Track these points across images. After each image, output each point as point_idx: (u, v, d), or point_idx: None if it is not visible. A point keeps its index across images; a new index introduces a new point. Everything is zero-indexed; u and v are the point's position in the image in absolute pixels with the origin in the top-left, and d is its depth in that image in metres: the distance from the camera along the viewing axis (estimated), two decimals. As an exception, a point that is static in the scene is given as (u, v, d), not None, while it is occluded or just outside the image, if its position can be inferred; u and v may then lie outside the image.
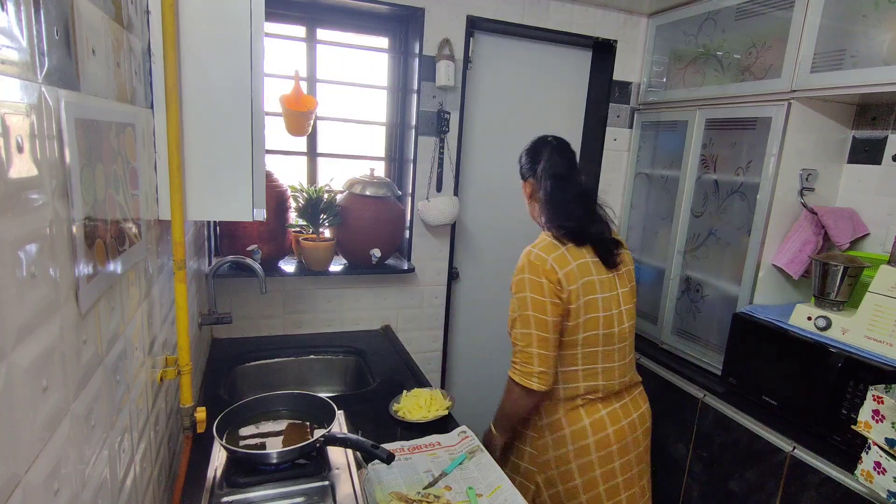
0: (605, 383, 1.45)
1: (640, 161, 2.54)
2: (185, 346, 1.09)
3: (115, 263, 0.74)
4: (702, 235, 2.13)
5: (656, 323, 2.35)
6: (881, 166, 1.82)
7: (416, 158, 2.24)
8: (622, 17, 2.43)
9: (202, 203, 1.07)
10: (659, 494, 2.14)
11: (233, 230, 1.96)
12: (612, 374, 1.46)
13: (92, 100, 0.66)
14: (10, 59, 0.45)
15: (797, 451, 1.59)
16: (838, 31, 1.64)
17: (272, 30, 2.09)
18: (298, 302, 2.20)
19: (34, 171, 0.49)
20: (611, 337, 1.44)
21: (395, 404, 1.60)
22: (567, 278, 1.36)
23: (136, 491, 0.86)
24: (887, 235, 1.79)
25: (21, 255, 0.46)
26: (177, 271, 1.06)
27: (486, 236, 2.55)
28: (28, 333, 0.47)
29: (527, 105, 2.49)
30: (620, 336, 1.46)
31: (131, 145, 0.83)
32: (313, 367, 2.05)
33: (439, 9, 2.14)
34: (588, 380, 1.44)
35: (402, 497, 1.18)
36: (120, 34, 0.79)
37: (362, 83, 2.29)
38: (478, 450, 1.39)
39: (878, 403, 1.30)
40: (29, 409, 0.48)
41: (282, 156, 2.22)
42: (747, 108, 1.93)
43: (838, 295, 1.64)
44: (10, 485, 0.44)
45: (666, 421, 2.12)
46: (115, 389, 0.74)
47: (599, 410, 1.45)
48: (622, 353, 1.48)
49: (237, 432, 1.15)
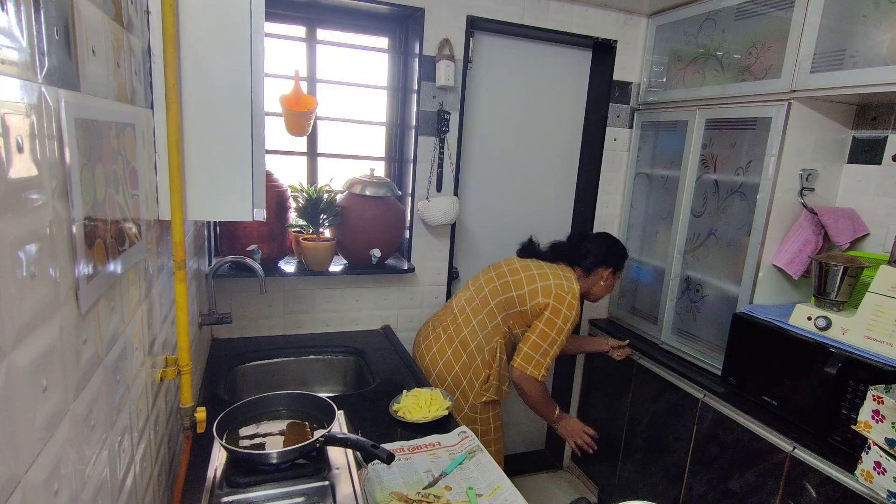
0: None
1: (640, 161, 2.54)
2: (185, 346, 1.09)
3: (115, 263, 0.74)
4: (702, 235, 2.13)
5: (656, 323, 2.35)
6: (881, 166, 1.82)
7: (416, 158, 2.24)
8: (622, 17, 2.43)
9: (202, 203, 1.07)
10: (659, 494, 2.14)
11: (233, 230, 1.96)
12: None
13: (92, 100, 0.66)
14: (10, 59, 0.45)
15: (797, 451, 1.59)
16: (838, 31, 1.64)
17: (272, 30, 2.09)
18: (298, 302, 2.20)
19: (34, 171, 0.49)
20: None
21: (394, 404, 1.60)
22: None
23: (136, 491, 0.86)
24: (887, 235, 1.79)
25: (21, 255, 0.46)
26: (177, 271, 1.06)
27: (486, 236, 2.55)
28: (28, 333, 0.47)
29: (527, 105, 2.49)
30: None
31: (131, 145, 0.83)
32: (313, 367, 2.06)
33: (439, 9, 2.14)
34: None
35: (402, 497, 1.18)
36: (120, 34, 0.79)
37: (362, 83, 2.29)
38: (478, 450, 1.39)
39: (878, 403, 1.30)
40: (29, 409, 0.48)
41: (282, 156, 2.22)
42: (747, 108, 1.93)
43: (838, 295, 1.64)
44: (10, 485, 0.44)
45: (666, 421, 2.12)
46: (115, 389, 0.74)
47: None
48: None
49: (237, 432, 1.15)
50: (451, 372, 1.94)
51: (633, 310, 2.55)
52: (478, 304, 1.98)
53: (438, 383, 1.95)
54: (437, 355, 1.98)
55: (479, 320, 1.95)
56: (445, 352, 1.97)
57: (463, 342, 1.95)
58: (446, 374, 1.95)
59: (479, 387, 1.92)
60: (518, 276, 1.94)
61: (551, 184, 2.65)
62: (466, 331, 1.96)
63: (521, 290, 1.90)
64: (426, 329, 2.13)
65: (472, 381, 1.93)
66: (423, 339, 2.09)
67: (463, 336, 1.96)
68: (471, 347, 1.93)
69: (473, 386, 1.93)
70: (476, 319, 1.96)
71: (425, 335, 2.10)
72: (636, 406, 2.33)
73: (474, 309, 1.98)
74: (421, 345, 2.08)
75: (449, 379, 1.94)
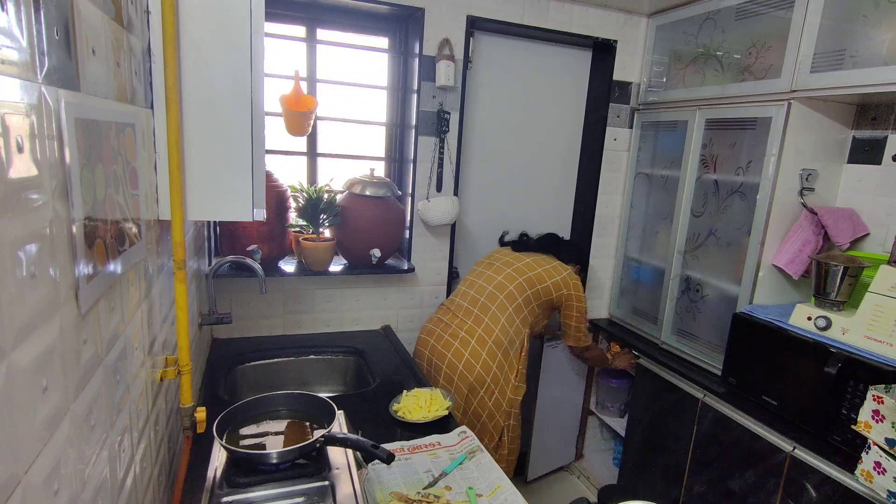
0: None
1: (640, 161, 2.54)
2: (185, 346, 1.09)
3: (115, 263, 0.74)
4: (702, 235, 2.13)
5: (656, 323, 2.35)
6: (881, 166, 1.82)
7: (416, 158, 2.24)
8: (622, 17, 2.43)
9: (202, 203, 1.07)
10: (659, 494, 2.14)
11: (233, 230, 1.96)
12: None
13: (92, 100, 0.66)
14: (10, 59, 0.45)
15: (797, 451, 1.59)
16: (838, 30, 1.64)
17: (272, 30, 2.09)
18: (298, 302, 2.20)
19: (34, 171, 0.49)
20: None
21: (395, 404, 1.60)
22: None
23: (136, 491, 0.86)
24: (887, 235, 1.79)
25: (21, 255, 0.46)
26: (177, 271, 1.06)
27: (486, 236, 2.55)
28: (28, 333, 0.47)
29: (527, 105, 2.49)
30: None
31: (131, 145, 0.83)
32: (313, 367, 2.06)
33: (439, 9, 2.14)
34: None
35: (402, 497, 1.18)
36: (120, 34, 0.79)
37: (362, 83, 2.29)
38: (478, 450, 1.39)
39: (878, 403, 1.30)
40: (29, 409, 0.48)
41: (282, 156, 2.22)
42: (747, 108, 1.93)
43: (838, 295, 1.64)
44: (10, 485, 0.44)
45: (666, 421, 2.13)
46: (114, 389, 0.74)
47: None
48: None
49: (237, 432, 1.15)
50: (490, 372, 1.93)
51: (633, 310, 2.55)
52: (502, 301, 2.02)
53: (477, 387, 1.92)
54: (472, 359, 1.93)
55: (508, 316, 2.01)
56: (480, 354, 1.93)
57: (497, 341, 1.97)
58: (485, 376, 1.92)
59: (515, 380, 2.00)
60: (537, 271, 2.10)
61: (551, 184, 2.65)
62: (497, 329, 1.98)
63: (545, 284, 2.09)
64: (440, 338, 2.05)
65: (507, 376, 1.98)
66: (445, 348, 2.00)
67: (496, 335, 1.97)
68: (504, 344, 1.98)
69: (510, 381, 1.98)
70: (504, 315, 2.00)
71: (445, 344, 2.01)
72: (636, 406, 2.33)
73: (500, 306, 2.01)
74: (445, 354, 1.99)
75: (489, 380, 1.93)
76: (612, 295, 2.73)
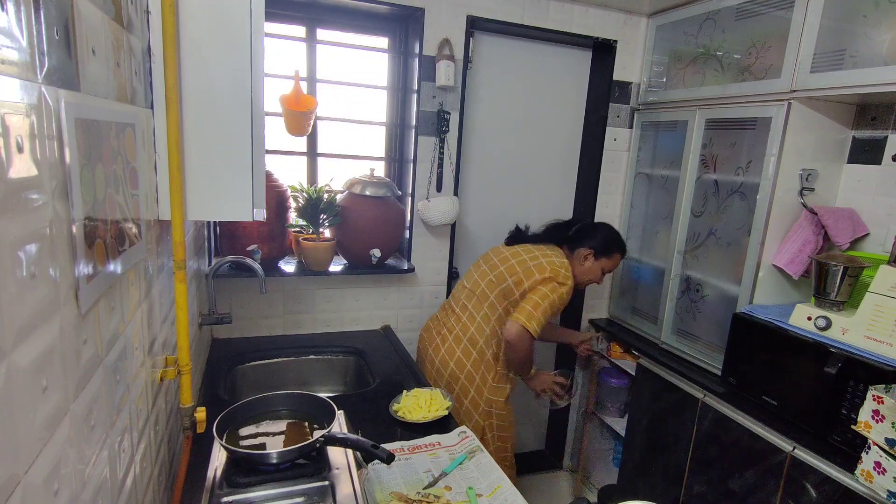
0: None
1: (640, 161, 2.53)
2: (185, 346, 1.09)
3: (115, 263, 0.74)
4: (702, 235, 2.13)
5: (656, 323, 2.35)
6: (881, 166, 1.82)
7: (416, 158, 2.24)
8: (622, 17, 2.43)
9: (202, 203, 1.07)
10: (659, 494, 2.14)
11: (233, 230, 1.96)
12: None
13: (92, 100, 0.66)
14: (10, 59, 0.45)
15: (797, 451, 1.59)
16: (838, 30, 1.64)
17: (272, 30, 2.09)
18: (298, 302, 2.20)
19: (34, 171, 0.49)
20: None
21: (395, 404, 1.60)
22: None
23: (136, 491, 0.86)
24: (887, 235, 1.79)
25: (21, 255, 0.46)
26: (177, 271, 1.06)
27: (486, 236, 2.55)
28: (28, 333, 0.47)
29: (527, 105, 2.49)
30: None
31: (131, 145, 0.83)
32: (313, 367, 2.06)
33: (439, 9, 2.14)
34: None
35: (402, 497, 1.18)
36: (120, 34, 0.79)
37: (362, 83, 2.29)
38: (478, 450, 1.39)
39: (878, 403, 1.30)
40: (29, 409, 0.48)
41: (282, 156, 2.22)
42: (747, 108, 1.93)
43: (838, 295, 1.64)
44: (10, 485, 0.44)
45: (666, 421, 2.12)
46: (114, 389, 0.74)
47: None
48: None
49: (237, 432, 1.15)
50: (464, 370, 1.95)
51: (633, 310, 2.55)
52: (477, 299, 2.00)
53: (452, 384, 1.96)
54: (447, 356, 1.99)
55: (483, 315, 1.98)
56: (455, 352, 1.98)
57: (471, 339, 1.97)
58: (459, 374, 1.96)
59: (492, 380, 1.96)
60: (510, 263, 1.98)
61: (551, 184, 2.65)
62: (473, 327, 1.98)
63: (516, 276, 1.94)
64: (430, 333, 2.13)
65: (484, 376, 1.96)
66: (429, 342, 2.09)
67: (471, 333, 1.98)
68: (480, 343, 1.96)
69: (487, 381, 1.96)
70: (479, 314, 1.98)
71: (430, 338, 2.10)
72: (636, 406, 2.33)
73: (475, 305, 2.00)
74: (428, 349, 2.08)
75: (462, 377, 1.95)
76: (611, 295, 2.73)
